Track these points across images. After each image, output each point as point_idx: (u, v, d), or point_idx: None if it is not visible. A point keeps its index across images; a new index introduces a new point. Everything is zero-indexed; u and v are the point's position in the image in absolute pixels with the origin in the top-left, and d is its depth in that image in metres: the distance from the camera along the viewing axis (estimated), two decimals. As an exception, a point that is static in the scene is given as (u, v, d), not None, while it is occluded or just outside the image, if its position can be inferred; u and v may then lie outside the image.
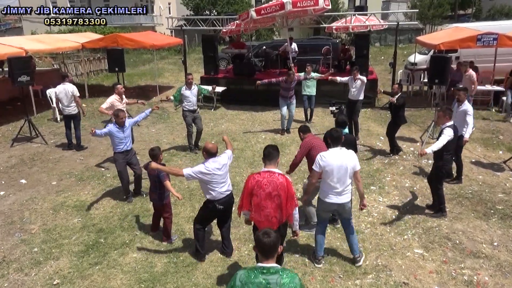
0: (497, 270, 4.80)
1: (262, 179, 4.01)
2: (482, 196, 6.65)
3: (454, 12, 42.34)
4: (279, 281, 2.56)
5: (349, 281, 4.64)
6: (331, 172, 4.54)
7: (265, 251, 2.65)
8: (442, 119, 5.85)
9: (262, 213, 4.05)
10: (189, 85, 8.64)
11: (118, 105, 7.84)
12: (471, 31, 11.85)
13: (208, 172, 4.57)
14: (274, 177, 4.01)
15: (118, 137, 6.37)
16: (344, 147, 4.73)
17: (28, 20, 34.79)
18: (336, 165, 4.52)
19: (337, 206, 4.69)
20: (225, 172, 4.75)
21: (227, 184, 4.80)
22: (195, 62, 23.30)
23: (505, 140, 9.39)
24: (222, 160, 4.74)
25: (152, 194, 5.44)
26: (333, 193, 4.62)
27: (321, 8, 10.73)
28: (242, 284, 2.61)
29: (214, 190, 4.67)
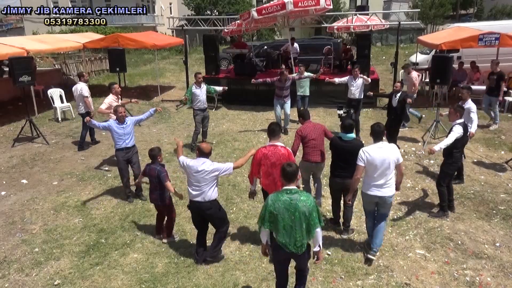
0: (500, 271, 4.77)
1: (268, 152, 4.81)
2: (484, 196, 6.63)
3: (455, 11, 42.25)
4: (298, 198, 3.63)
5: (350, 281, 4.62)
6: (374, 166, 4.69)
7: (289, 177, 3.69)
8: (452, 116, 5.89)
9: (269, 178, 4.89)
10: (199, 84, 8.66)
11: (116, 104, 7.82)
12: (473, 31, 11.82)
13: (185, 167, 4.67)
14: (277, 149, 4.79)
15: (117, 133, 6.37)
16: (348, 154, 5.01)
17: (30, 20, 34.83)
18: (379, 159, 4.67)
19: (378, 198, 4.85)
20: (201, 178, 4.57)
21: (201, 191, 4.61)
22: (196, 62, 23.29)
23: (507, 140, 9.35)
24: (205, 166, 4.57)
25: (153, 195, 5.42)
26: (375, 186, 4.78)
27: (322, 8, 10.71)
28: (273, 201, 3.68)
29: (188, 188, 4.75)
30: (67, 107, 12.13)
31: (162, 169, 5.30)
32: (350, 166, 5.04)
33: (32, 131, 10.06)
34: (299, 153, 5.88)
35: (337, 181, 5.29)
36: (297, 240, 3.67)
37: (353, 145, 5.08)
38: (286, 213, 3.62)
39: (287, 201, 3.62)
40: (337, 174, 5.27)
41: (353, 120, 5.80)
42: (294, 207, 3.60)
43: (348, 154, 5.08)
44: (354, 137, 5.19)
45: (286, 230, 3.66)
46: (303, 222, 3.63)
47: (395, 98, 8.22)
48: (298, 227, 3.63)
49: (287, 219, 3.63)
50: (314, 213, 3.63)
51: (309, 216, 3.61)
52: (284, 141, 9.52)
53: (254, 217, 6.06)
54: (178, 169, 7.91)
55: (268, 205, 3.69)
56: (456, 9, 42.17)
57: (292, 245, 3.68)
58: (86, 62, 18.29)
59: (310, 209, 3.61)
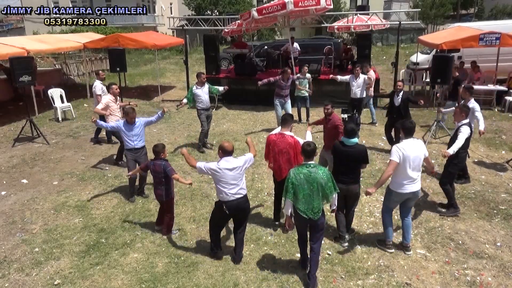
0: (500, 271, 4.76)
1: (276, 139, 5.27)
2: (485, 196, 6.62)
3: (456, 11, 42.20)
4: (316, 171, 4.26)
5: (351, 281, 4.62)
6: (408, 163, 4.72)
7: (308, 154, 4.32)
8: (458, 116, 5.92)
9: (276, 164, 5.33)
10: (201, 84, 8.63)
11: (113, 105, 7.80)
12: (474, 31, 11.81)
13: (217, 171, 4.58)
14: (285, 138, 5.23)
15: (126, 133, 6.42)
16: (351, 160, 4.94)
17: (30, 20, 34.84)
18: (412, 155, 4.73)
19: (412, 194, 4.89)
20: (237, 174, 4.62)
21: (238, 187, 4.65)
22: (196, 62, 23.30)
23: (508, 140, 9.34)
24: (236, 162, 4.65)
25: (158, 190, 5.45)
26: (409, 182, 4.81)
27: (322, 7, 10.70)
28: (294, 174, 4.29)
29: (222, 191, 4.64)
30: (68, 107, 12.13)
31: (167, 164, 5.37)
32: (353, 172, 4.99)
33: (33, 131, 10.06)
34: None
35: (341, 187, 4.93)
36: (314, 207, 4.30)
37: (356, 150, 4.97)
38: (306, 184, 4.25)
39: (308, 174, 4.25)
40: (340, 180, 4.96)
41: (356, 124, 5.67)
42: (313, 179, 4.23)
43: (351, 159, 4.97)
44: (356, 142, 5.04)
45: (305, 199, 4.28)
46: (320, 191, 4.28)
47: (397, 98, 8.19)
48: (316, 196, 4.28)
49: (306, 189, 4.25)
50: (329, 183, 4.30)
51: (325, 186, 4.26)
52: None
53: (254, 217, 6.06)
54: (178, 168, 7.91)
55: (290, 177, 4.29)
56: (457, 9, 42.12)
57: (310, 211, 4.30)
58: (87, 62, 18.28)
59: (326, 180, 4.27)
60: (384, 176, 4.81)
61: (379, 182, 4.83)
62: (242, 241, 5.01)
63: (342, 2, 38.21)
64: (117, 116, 7.88)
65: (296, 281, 4.61)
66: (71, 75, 18.27)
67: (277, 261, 5.00)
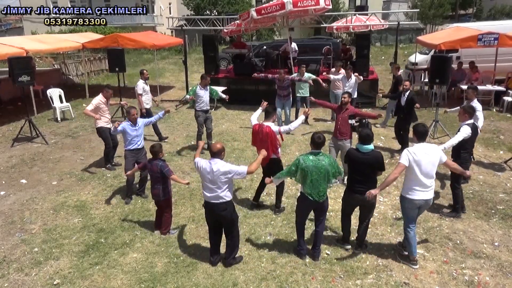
0: (498, 270, 4.78)
1: (258, 129, 5.90)
2: (483, 196, 6.64)
3: (455, 12, 42.29)
4: (323, 159, 4.66)
5: (349, 281, 4.63)
6: (418, 167, 4.57)
7: (318, 145, 4.69)
8: (462, 117, 5.91)
9: (260, 150, 5.52)
10: (205, 86, 8.64)
11: (103, 107, 7.74)
12: (472, 31, 11.84)
13: (199, 170, 4.70)
14: (263, 128, 5.82)
15: (130, 134, 6.43)
16: (367, 167, 4.74)
17: (29, 20, 34.79)
18: (424, 160, 4.58)
19: (424, 202, 4.72)
20: (215, 180, 4.54)
21: (215, 193, 4.59)
22: (195, 62, 23.29)
23: (506, 140, 9.37)
24: (218, 166, 4.53)
25: (155, 190, 5.46)
26: (420, 188, 4.64)
27: (321, 8, 10.73)
28: (304, 160, 4.65)
29: (202, 190, 4.77)
30: (67, 107, 12.13)
31: (164, 164, 5.40)
32: (369, 180, 4.80)
33: (32, 131, 10.06)
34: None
35: (356, 197, 4.84)
36: (320, 191, 4.68)
37: (372, 157, 4.74)
38: (314, 169, 4.60)
39: (316, 160, 4.63)
40: (356, 190, 4.81)
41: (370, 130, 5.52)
42: (321, 166, 4.61)
43: (367, 167, 4.74)
44: (372, 148, 4.79)
45: (313, 183, 4.65)
46: (326, 177, 4.65)
47: (403, 97, 8.23)
48: (322, 180, 4.65)
49: (315, 174, 4.61)
50: (333, 169, 4.70)
51: (330, 172, 4.67)
52: (283, 141, 9.54)
53: (253, 217, 6.08)
54: (177, 168, 7.93)
55: (300, 163, 4.66)
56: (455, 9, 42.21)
57: (316, 194, 4.68)
58: (86, 62, 18.29)
59: (331, 167, 4.68)
60: (389, 178, 4.61)
61: (384, 184, 4.66)
62: (231, 247, 4.89)
63: (341, 2, 38.28)
64: (106, 118, 7.84)
65: (295, 280, 4.63)
66: (70, 75, 18.26)
67: (276, 260, 5.01)
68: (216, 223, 4.86)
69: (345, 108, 6.90)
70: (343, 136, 6.87)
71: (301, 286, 4.55)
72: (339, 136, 6.91)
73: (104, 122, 7.75)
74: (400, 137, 8.58)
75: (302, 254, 5.01)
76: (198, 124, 8.82)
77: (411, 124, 8.57)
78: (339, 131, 6.91)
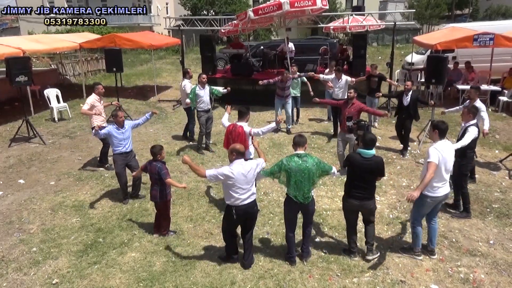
0: (493, 268, 4.84)
1: (232, 128, 5.97)
2: (479, 195, 6.70)
3: (451, 12, 42.47)
4: (307, 160, 4.57)
5: (346, 279, 4.67)
6: (444, 164, 4.66)
7: (298, 144, 4.66)
8: (466, 117, 5.97)
9: None
10: (203, 85, 8.65)
11: (98, 105, 7.75)
12: (468, 31, 11.91)
13: (231, 176, 4.46)
14: (237, 127, 5.92)
15: (117, 138, 6.37)
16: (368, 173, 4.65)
17: (25, 20, 34.67)
18: (448, 157, 4.69)
19: (445, 196, 4.85)
20: (250, 177, 4.55)
21: (250, 192, 4.59)
22: (193, 62, 23.29)
23: (501, 139, 9.45)
24: (249, 165, 4.58)
25: (153, 191, 5.46)
26: (442, 185, 4.73)
27: (318, 8, 10.76)
28: (287, 162, 4.58)
29: (233, 196, 4.53)
30: (64, 107, 12.12)
31: (162, 166, 5.37)
32: (369, 186, 4.72)
33: (29, 131, 10.05)
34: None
35: (353, 202, 4.79)
36: (305, 192, 4.60)
37: (374, 163, 4.66)
38: (298, 171, 4.53)
39: (298, 162, 4.55)
40: (354, 195, 4.76)
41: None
42: (304, 167, 4.52)
43: (368, 172, 4.66)
44: (374, 153, 4.70)
45: (296, 185, 4.57)
46: (310, 178, 4.57)
47: (406, 97, 8.30)
48: (306, 182, 4.56)
49: (298, 175, 4.54)
50: (319, 170, 4.62)
51: (315, 172, 4.58)
52: (281, 140, 9.59)
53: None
54: (175, 168, 7.95)
55: (284, 165, 4.59)
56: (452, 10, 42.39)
57: (301, 196, 4.60)
58: (83, 62, 18.26)
59: (316, 165, 4.60)
60: (427, 178, 4.52)
61: (422, 185, 4.56)
62: (250, 246, 4.91)
63: (338, 2, 38.36)
64: (102, 117, 7.83)
65: (293, 279, 4.67)
66: (67, 75, 18.24)
67: (274, 259, 5.05)
68: (236, 227, 4.86)
69: (351, 103, 7.17)
70: (345, 130, 7.20)
71: (299, 284, 4.59)
72: (346, 130, 7.21)
73: (100, 121, 7.75)
74: (402, 136, 8.65)
75: (292, 261, 4.92)
76: (200, 124, 8.84)
77: (413, 124, 8.72)
78: (343, 126, 7.26)
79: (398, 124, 8.66)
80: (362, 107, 7.27)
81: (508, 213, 6.11)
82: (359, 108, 7.17)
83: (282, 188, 7.00)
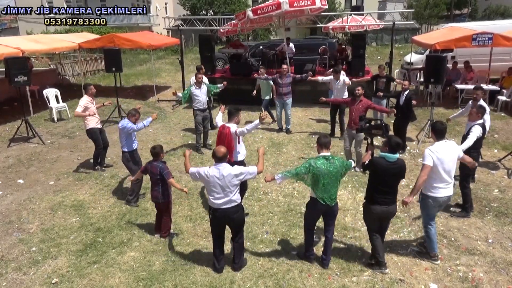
0: (492, 267, 4.85)
1: (222, 129, 5.90)
2: (478, 194, 6.71)
3: (450, 12, 42.51)
4: (334, 162, 4.53)
5: (345, 278, 4.68)
6: (441, 166, 4.63)
7: (325, 145, 4.59)
8: (474, 116, 5.99)
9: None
10: (199, 84, 8.66)
11: (91, 106, 7.67)
12: (467, 31, 11.93)
13: (205, 177, 4.48)
14: (225, 128, 5.84)
15: (133, 134, 6.49)
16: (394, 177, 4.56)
17: (24, 20, 34.65)
18: (446, 158, 4.64)
19: (447, 198, 4.83)
20: (226, 185, 4.44)
21: (227, 198, 4.49)
22: (192, 62, 23.29)
23: (500, 139, 9.47)
24: (229, 170, 4.46)
25: (154, 192, 5.44)
26: (444, 186, 4.71)
27: (318, 8, 10.78)
28: (316, 164, 4.50)
29: (209, 198, 4.60)
30: (63, 107, 12.12)
31: (164, 166, 5.35)
32: (394, 190, 4.63)
33: (28, 131, 10.05)
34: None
35: (379, 209, 4.60)
36: (332, 194, 4.57)
37: (398, 166, 4.54)
38: (326, 173, 4.49)
39: (327, 164, 4.50)
40: (379, 201, 4.58)
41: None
42: (333, 168, 4.50)
43: (393, 177, 4.56)
44: (398, 157, 4.57)
45: (325, 187, 4.53)
46: (338, 179, 4.58)
47: (402, 97, 8.34)
48: (334, 183, 4.56)
49: (327, 178, 4.50)
50: (345, 165, 4.62)
51: (342, 170, 4.60)
52: (280, 140, 9.60)
53: (250, 215, 6.12)
54: (174, 168, 7.95)
55: (312, 167, 4.51)
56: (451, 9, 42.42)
57: (328, 198, 4.56)
58: (82, 62, 18.26)
59: (341, 166, 4.58)
60: (419, 181, 4.61)
61: (415, 189, 4.65)
62: (240, 250, 4.85)
63: (336, 2, 38.35)
64: (96, 118, 7.74)
65: (292, 278, 4.68)
66: (66, 75, 18.23)
67: (273, 258, 5.06)
68: (223, 229, 4.77)
69: (359, 100, 7.36)
70: (352, 127, 7.37)
71: (298, 283, 4.60)
72: (353, 126, 7.35)
73: (94, 123, 7.69)
74: (399, 136, 8.65)
75: (312, 259, 4.93)
76: (196, 123, 8.85)
77: (409, 123, 8.74)
78: (353, 122, 7.34)
79: (395, 123, 8.69)
80: (370, 104, 7.49)
81: (506, 212, 6.12)
82: (366, 105, 7.39)
83: (281, 187, 7.02)
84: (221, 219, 4.61)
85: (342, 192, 6.85)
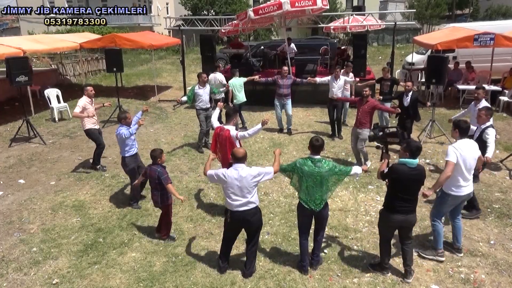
0: (494, 268, 4.83)
1: (219, 131, 5.78)
2: (479, 195, 6.69)
3: (451, 12, 42.46)
4: (321, 165, 4.41)
5: (347, 279, 4.67)
6: (464, 163, 4.65)
7: (316, 149, 4.44)
8: (483, 119, 6.01)
9: (221, 154, 5.83)
10: (203, 84, 8.72)
11: (89, 107, 7.64)
12: (468, 31, 11.92)
13: (224, 179, 4.36)
14: (224, 131, 5.72)
15: (131, 139, 6.28)
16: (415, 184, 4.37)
17: (26, 20, 34.71)
18: (468, 156, 4.68)
19: (467, 196, 4.87)
20: (244, 186, 4.33)
21: (245, 199, 4.37)
22: (193, 62, 23.30)
23: (502, 140, 9.44)
24: (247, 172, 4.35)
25: (153, 196, 5.40)
26: (465, 184, 4.75)
27: (319, 8, 10.76)
28: (301, 164, 4.45)
29: (227, 200, 4.48)
30: (64, 107, 12.12)
31: (162, 171, 5.26)
32: (414, 198, 4.42)
33: (29, 131, 10.05)
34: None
35: (398, 218, 4.40)
36: (316, 199, 4.46)
37: (420, 172, 4.36)
38: (309, 176, 4.41)
39: (312, 166, 4.40)
40: (399, 210, 4.37)
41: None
42: (317, 172, 4.39)
43: (415, 183, 4.36)
44: (417, 162, 4.37)
45: (308, 190, 4.45)
46: (323, 184, 4.43)
47: (406, 98, 8.31)
48: (318, 188, 4.42)
49: (309, 181, 4.41)
50: (337, 171, 4.46)
51: (331, 176, 4.45)
52: (282, 140, 9.59)
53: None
54: (175, 168, 7.95)
55: (297, 167, 4.47)
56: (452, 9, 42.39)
57: (312, 202, 4.46)
58: (83, 62, 18.27)
59: (330, 170, 4.43)
60: (442, 177, 4.57)
61: (437, 184, 4.63)
62: (253, 255, 4.76)
63: (338, 2, 38.39)
64: (94, 119, 7.73)
65: (293, 279, 4.66)
66: (67, 75, 18.24)
67: (274, 259, 5.04)
68: (237, 233, 4.73)
69: (366, 101, 7.53)
70: (363, 126, 7.51)
71: (299, 284, 4.58)
72: (359, 125, 7.57)
73: (91, 124, 7.67)
74: None
75: (305, 270, 4.73)
76: (200, 121, 8.92)
77: (413, 124, 8.73)
78: (359, 122, 7.56)
79: (399, 125, 8.66)
80: (376, 105, 7.66)
81: (508, 213, 6.10)
82: (373, 106, 7.54)
83: (282, 188, 7.01)
84: (238, 223, 4.52)
85: (343, 193, 6.84)
